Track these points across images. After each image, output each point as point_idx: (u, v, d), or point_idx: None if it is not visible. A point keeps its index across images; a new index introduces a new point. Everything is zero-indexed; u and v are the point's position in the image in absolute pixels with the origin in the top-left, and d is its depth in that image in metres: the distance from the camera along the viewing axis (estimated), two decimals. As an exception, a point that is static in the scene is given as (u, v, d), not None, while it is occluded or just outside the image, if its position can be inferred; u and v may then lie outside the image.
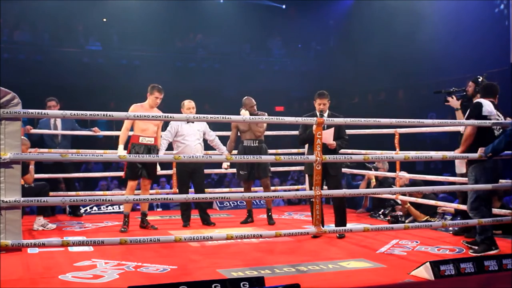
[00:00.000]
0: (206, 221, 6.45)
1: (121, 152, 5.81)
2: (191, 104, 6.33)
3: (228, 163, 6.84)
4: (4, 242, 3.87)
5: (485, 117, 4.84)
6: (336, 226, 5.71)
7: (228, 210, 7.80)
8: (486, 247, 4.73)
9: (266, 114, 6.48)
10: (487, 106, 4.86)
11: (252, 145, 6.44)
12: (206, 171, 7.00)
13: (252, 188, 6.92)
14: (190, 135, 6.35)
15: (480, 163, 4.83)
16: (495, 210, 5.30)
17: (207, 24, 16.29)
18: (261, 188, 7.34)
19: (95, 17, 15.55)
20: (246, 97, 6.54)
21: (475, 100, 5.04)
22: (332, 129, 5.50)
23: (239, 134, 6.62)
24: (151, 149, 6.00)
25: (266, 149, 6.60)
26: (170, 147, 6.54)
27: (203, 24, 16.32)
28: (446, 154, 5.25)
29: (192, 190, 6.66)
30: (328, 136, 5.37)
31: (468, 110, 5.02)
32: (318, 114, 5.54)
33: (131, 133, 6.13)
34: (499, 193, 5.64)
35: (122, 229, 5.94)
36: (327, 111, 5.66)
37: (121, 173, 6.82)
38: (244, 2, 16.72)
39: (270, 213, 6.55)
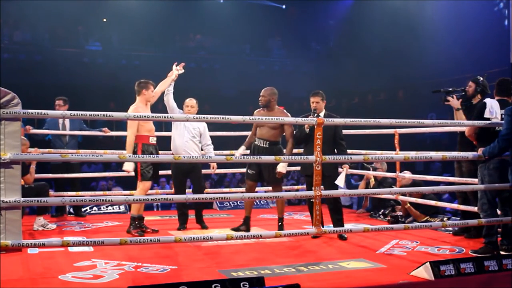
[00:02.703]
0: (199, 222, 6.30)
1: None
2: (190, 102, 6.14)
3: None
4: (4, 242, 3.87)
5: (487, 119, 4.82)
6: (334, 226, 5.73)
7: (228, 210, 7.79)
8: (488, 250, 4.72)
9: (284, 111, 5.82)
10: (491, 107, 4.83)
11: (262, 145, 5.82)
12: (206, 171, 6.93)
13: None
14: (181, 129, 6.14)
15: (484, 164, 4.82)
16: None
17: (207, 24, 16.31)
18: (262, 188, 7.31)
19: (95, 17, 15.56)
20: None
21: (483, 100, 5.01)
22: (343, 176, 5.60)
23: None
24: (157, 148, 5.87)
25: (280, 152, 5.80)
26: (167, 148, 6.43)
27: (203, 24, 16.34)
28: (446, 154, 5.25)
29: (190, 190, 6.60)
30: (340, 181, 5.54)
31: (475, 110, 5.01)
32: (311, 112, 5.51)
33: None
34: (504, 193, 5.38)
35: (141, 231, 5.70)
36: (324, 111, 5.64)
37: (121, 173, 6.82)
38: (244, 2, 16.74)
39: (281, 223, 5.92)
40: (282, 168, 5.66)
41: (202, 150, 6.29)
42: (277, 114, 5.71)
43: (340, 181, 5.56)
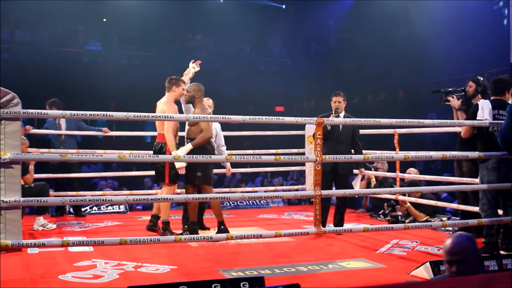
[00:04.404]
0: (200, 225, 6.18)
1: (185, 151, 5.28)
2: (208, 102, 6.10)
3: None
4: (4, 242, 3.88)
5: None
6: (334, 224, 5.82)
7: (228, 210, 7.78)
8: (488, 250, 4.72)
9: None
10: (482, 108, 4.86)
11: (185, 143, 5.56)
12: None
13: (252, 189, 6.74)
14: None
15: (483, 164, 4.83)
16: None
17: (207, 24, 16.31)
18: (262, 188, 7.30)
19: (95, 17, 15.57)
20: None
21: (477, 102, 5.03)
22: (359, 179, 5.78)
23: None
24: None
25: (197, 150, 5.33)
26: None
27: (203, 24, 16.35)
28: (446, 154, 5.26)
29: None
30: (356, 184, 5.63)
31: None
32: (333, 111, 5.77)
33: (153, 133, 5.84)
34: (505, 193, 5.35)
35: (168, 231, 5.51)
36: (343, 112, 5.88)
37: (121, 173, 6.82)
38: (244, 2, 16.74)
39: (191, 226, 5.44)
40: (178, 163, 5.27)
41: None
42: (198, 111, 5.50)
43: (356, 183, 5.71)
